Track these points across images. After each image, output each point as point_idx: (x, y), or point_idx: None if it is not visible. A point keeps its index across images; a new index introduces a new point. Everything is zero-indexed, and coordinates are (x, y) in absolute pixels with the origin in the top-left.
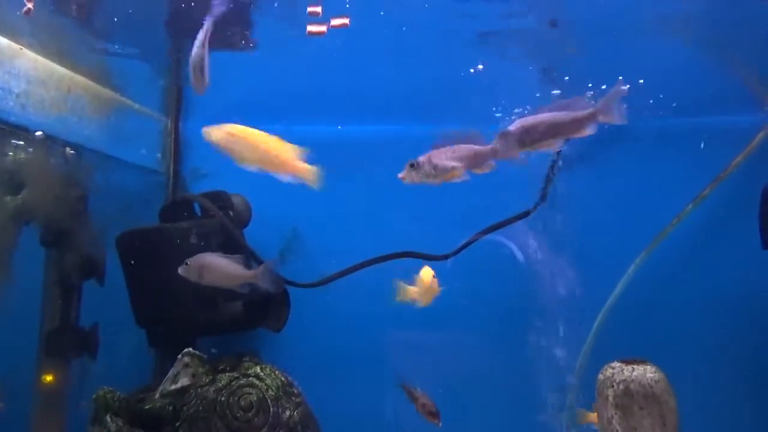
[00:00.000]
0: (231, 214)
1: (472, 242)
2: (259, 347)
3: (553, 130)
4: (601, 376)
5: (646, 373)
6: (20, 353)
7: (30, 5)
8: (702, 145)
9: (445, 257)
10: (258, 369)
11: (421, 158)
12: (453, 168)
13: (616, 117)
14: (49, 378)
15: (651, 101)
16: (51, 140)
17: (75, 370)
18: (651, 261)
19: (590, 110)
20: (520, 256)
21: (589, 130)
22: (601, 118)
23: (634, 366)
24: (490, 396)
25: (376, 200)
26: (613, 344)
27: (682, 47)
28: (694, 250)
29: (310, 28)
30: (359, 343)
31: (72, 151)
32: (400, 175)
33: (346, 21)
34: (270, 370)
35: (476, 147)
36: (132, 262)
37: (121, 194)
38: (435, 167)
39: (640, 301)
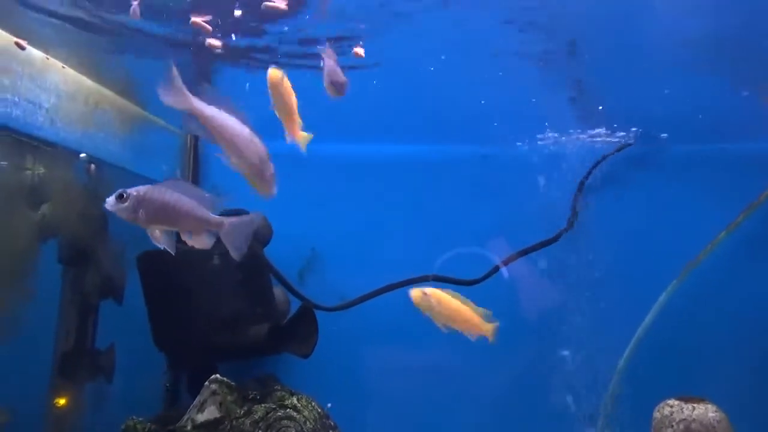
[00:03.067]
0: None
1: (499, 269)
2: (272, 371)
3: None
4: (657, 414)
5: (707, 412)
6: (34, 374)
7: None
8: (736, 172)
9: (471, 283)
10: (295, 400)
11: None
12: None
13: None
14: (62, 401)
15: (683, 127)
16: (76, 155)
17: (89, 393)
18: (683, 289)
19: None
20: (552, 284)
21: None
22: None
23: (694, 405)
24: (517, 423)
25: (395, 220)
26: (645, 373)
27: (711, 75)
28: (727, 278)
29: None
30: (377, 363)
31: (95, 167)
32: None
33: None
34: (306, 401)
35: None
36: (153, 282)
37: None
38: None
39: (672, 330)
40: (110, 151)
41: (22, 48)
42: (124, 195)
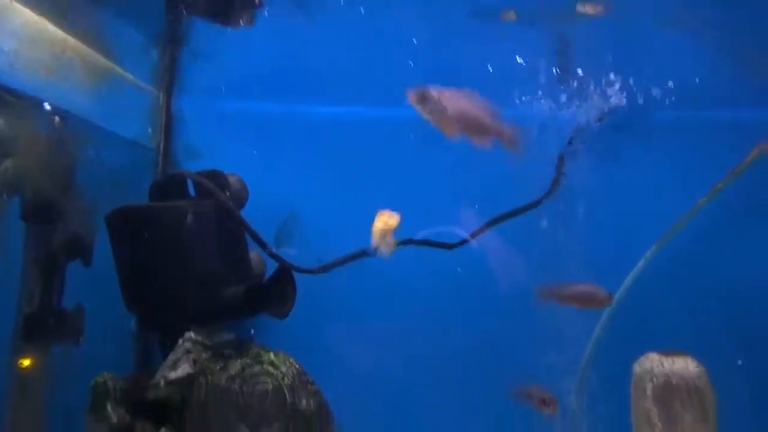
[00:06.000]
0: (227, 194)
1: (480, 232)
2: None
3: None
4: (637, 368)
5: (688, 366)
6: None
7: None
8: (717, 139)
9: (452, 246)
10: (272, 356)
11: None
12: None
13: None
14: (26, 364)
15: (669, 92)
16: (39, 105)
17: (57, 356)
18: (662, 254)
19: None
20: (532, 247)
21: None
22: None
23: (674, 359)
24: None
25: (376, 183)
26: (626, 331)
27: (701, 39)
28: (708, 242)
29: None
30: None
31: (60, 119)
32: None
33: None
34: (284, 357)
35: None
36: (123, 242)
37: (111, 169)
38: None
39: (651, 293)
40: (77, 103)
41: None
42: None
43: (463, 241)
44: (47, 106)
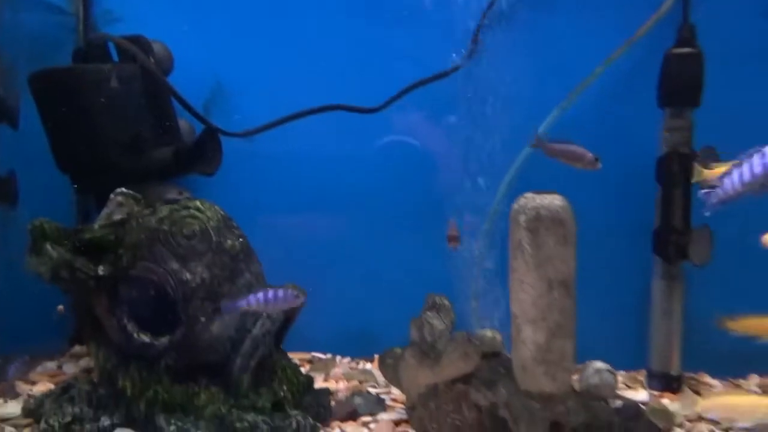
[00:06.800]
0: (151, 59)
1: (399, 97)
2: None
3: None
4: (515, 205)
5: (554, 200)
6: None
7: None
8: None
9: (373, 111)
10: (198, 203)
11: None
12: None
13: None
14: None
15: None
16: None
17: None
18: (564, 118)
19: None
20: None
21: None
22: None
23: (544, 195)
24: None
25: (305, 51)
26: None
27: None
28: (604, 107)
29: None
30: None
31: None
32: None
33: None
34: (209, 204)
35: None
36: (49, 104)
37: (30, 33)
38: None
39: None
40: None
41: None
42: None
43: (387, 103)
44: None
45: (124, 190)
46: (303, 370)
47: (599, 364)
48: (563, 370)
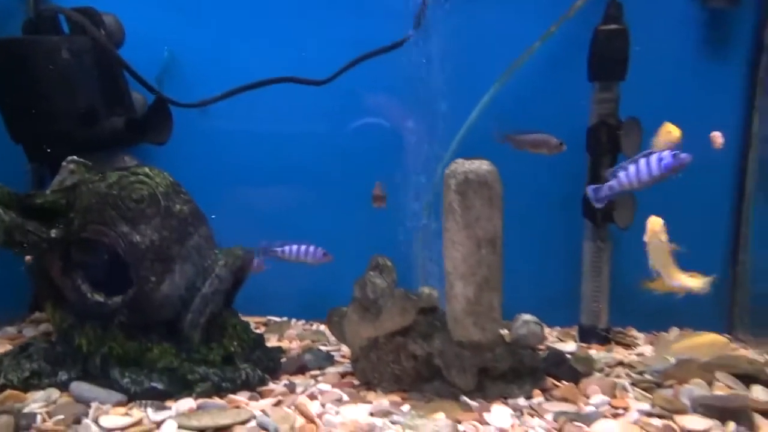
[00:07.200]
0: (102, 32)
1: (347, 69)
2: None
3: None
4: (447, 171)
5: (482, 165)
6: None
7: None
8: None
9: (322, 83)
10: (147, 169)
11: None
12: None
13: None
14: None
15: None
16: None
17: None
18: (504, 91)
19: None
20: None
21: None
22: None
23: (473, 161)
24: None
25: (258, 22)
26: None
27: None
28: (540, 82)
29: None
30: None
31: None
32: None
33: None
34: (158, 171)
35: None
36: (0, 74)
37: None
38: None
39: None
40: None
41: None
42: None
43: (336, 75)
44: None
45: (75, 158)
46: (258, 331)
47: (527, 317)
48: (491, 320)
